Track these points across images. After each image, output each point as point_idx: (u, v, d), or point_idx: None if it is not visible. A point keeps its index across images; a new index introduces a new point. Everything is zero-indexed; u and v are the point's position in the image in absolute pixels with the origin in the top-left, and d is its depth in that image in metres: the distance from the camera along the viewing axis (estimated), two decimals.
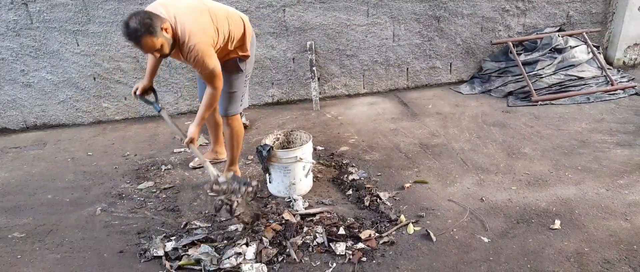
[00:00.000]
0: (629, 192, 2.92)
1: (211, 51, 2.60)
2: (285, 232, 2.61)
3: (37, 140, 4.35)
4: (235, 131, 3.10)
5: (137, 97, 3.01)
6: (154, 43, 2.42)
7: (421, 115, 4.47)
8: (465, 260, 2.37)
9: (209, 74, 2.62)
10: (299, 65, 4.90)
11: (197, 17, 2.59)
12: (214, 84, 2.68)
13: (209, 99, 2.73)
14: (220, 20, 2.68)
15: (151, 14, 2.40)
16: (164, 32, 2.44)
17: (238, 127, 3.10)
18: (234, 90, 2.98)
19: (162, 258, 2.47)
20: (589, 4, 5.33)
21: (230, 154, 3.20)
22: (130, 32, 2.36)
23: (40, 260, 2.55)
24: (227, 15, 2.76)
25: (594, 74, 4.86)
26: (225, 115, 3.03)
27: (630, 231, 2.52)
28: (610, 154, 3.44)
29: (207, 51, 2.57)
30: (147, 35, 2.36)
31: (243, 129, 3.18)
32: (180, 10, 2.56)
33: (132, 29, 2.34)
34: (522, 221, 2.68)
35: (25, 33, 4.25)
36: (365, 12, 4.80)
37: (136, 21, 2.34)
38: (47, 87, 4.51)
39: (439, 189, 3.08)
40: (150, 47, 2.43)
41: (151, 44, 2.41)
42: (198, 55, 2.53)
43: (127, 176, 3.51)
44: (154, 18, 2.39)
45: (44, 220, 2.95)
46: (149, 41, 2.39)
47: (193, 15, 2.57)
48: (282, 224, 2.69)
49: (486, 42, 5.26)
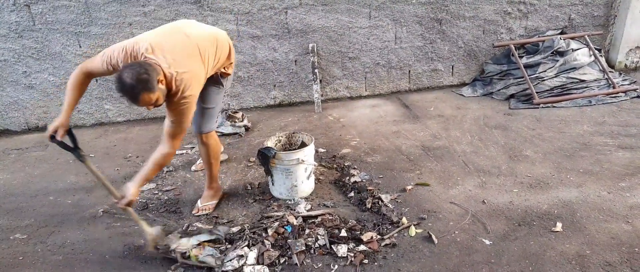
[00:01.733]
0: (630, 195, 2.91)
1: (195, 105, 2.48)
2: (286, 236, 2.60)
3: (39, 141, 4.36)
4: (212, 148, 2.90)
5: (53, 141, 2.47)
6: (150, 99, 2.24)
7: (423, 117, 4.47)
8: (466, 262, 2.37)
9: (178, 129, 2.46)
10: (301, 67, 4.91)
11: (192, 62, 2.44)
12: (174, 141, 2.49)
13: (161, 159, 2.50)
14: (209, 54, 2.56)
15: (147, 67, 2.21)
16: (160, 84, 2.26)
17: (214, 144, 2.92)
18: (212, 106, 2.83)
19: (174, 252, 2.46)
20: (591, 7, 5.33)
21: (209, 172, 2.99)
22: (126, 89, 2.17)
23: (41, 261, 2.56)
24: (215, 42, 2.64)
25: (596, 77, 4.86)
26: (200, 132, 2.84)
27: (631, 234, 2.52)
28: (611, 157, 3.44)
29: (193, 106, 2.45)
30: (144, 92, 2.19)
31: (219, 145, 3.03)
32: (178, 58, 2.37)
33: (129, 86, 2.15)
34: (523, 223, 2.67)
35: (28, 35, 4.26)
36: (367, 15, 4.81)
37: (132, 77, 2.14)
38: (49, 89, 4.52)
39: (441, 192, 3.08)
40: (146, 103, 2.25)
41: (148, 100, 2.23)
42: (184, 108, 2.40)
43: (128, 178, 3.51)
44: (151, 71, 2.20)
45: (46, 221, 2.96)
46: (146, 98, 2.21)
47: (188, 61, 2.42)
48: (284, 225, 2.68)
49: (488, 45, 5.26)
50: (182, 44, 2.46)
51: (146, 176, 2.51)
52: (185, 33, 2.53)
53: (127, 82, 2.15)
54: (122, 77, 2.16)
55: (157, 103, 2.31)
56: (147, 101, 2.24)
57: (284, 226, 2.64)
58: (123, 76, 2.16)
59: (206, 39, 2.59)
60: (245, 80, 4.85)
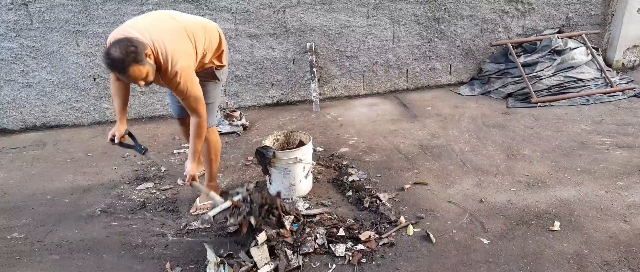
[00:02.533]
0: (628, 193, 2.92)
1: (194, 76, 2.49)
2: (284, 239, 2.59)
3: (36, 140, 4.35)
4: (213, 144, 2.92)
5: (116, 145, 2.73)
6: (140, 72, 2.24)
7: (421, 116, 4.47)
8: (464, 261, 2.37)
9: (193, 101, 2.50)
10: (299, 66, 4.91)
11: (177, 38, 2.45)
12: (198, 111, 2.55)
13: (197, 129, 2.59)
14: (198, 37, 2.58)
15: (134, 41, 2.23)
16: (148, 58, 2.28)
17: (215, 139, 2.94)
18: (211, 101, 2.83)
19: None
20: (588, 5, 5.34)
21: (209, 169, 3.01)
22: (115, 62, 2.17)
23: (39, 261, 2.55)
24: (203, 27, 2.66)
25: (593, 76, 4.87)
26: None
27: (629, 233, 2.52)
28: (609, 156, 3.45)
29: (190, 76, 2.46)
30: (133, 64, 2.19)
31: (220, 142, 3.05)
32: (157, 33, 2.39)
33: (118, 58, 2.17)
34: (521, 222, 2.68)
35: (25, 33, 4.25)
36: (365, 14, 4.81)
37: (120, 50, 2.17)
38: (47, 88, 4.51)
39: (439, 191, 3.08)
40: (136, 77, 2.25)
41: (138, 73, 2.23)
42: (182, 81, 2.40)
43: (126, 177, 3.51)
44: (138, 45, 2.22)
45: (43, 221, 2.95)
46: (136, 70, 2.22)
47: (172, 38, 2.43)
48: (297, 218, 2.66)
49: (486, 44, 5.27)
50: (170, 27, 2.50)
51: (195, 149, 2.64)
52: (172, 17, 2.58)
53: (116, 56, 2.17)
54: (110, 52, 2.18)
55: (147, 78, 2.31)
56: (137, 74, 2.24)
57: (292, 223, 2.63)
58: (110, 51, 2.18)
59: (194, 24, 2.62)
60: (243, 79, 4.84)
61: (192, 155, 2.64)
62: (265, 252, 2.38)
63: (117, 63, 2.18)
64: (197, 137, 2.61)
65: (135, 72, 2.22)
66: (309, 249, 2.46)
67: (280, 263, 2.35)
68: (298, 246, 2.48)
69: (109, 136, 2.70)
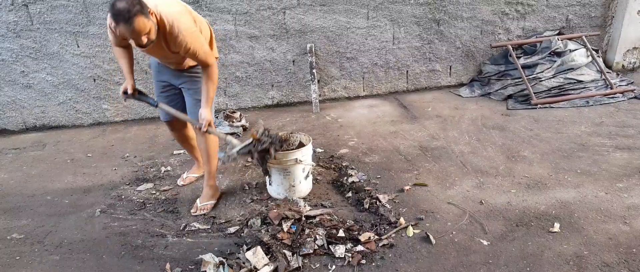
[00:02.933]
0: (628, 195, 2.92)
1: (199, 34, 2.57)
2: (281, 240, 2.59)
3: (36, 141, 4.35)
4: (211, 140, 2.92)
5: (129, 97, 2.82)
6: (145, 25, 2.27)
7: (421, 118, 4.47)
8: (464, 263, 2.37)
9: (202, 55, 2.57)
10: (299, 67, 4.91)
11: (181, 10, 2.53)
12: (208, 61, 2.63)
13: (210, 75, 2.67)
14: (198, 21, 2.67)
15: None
16: (152, 16, 2.34)
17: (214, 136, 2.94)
18: None
19: None
20: (588, 7, 5.35)
21: (208, 168, 3.00)
22: (122, 11, 2.20)
23: (39, 261, 2.55)
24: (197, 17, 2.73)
25: (593, 78, 4.87)
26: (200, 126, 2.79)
27: (629, 235, 2.52)
28: (609, 158, 3.45)
29: (196, 33, 2.53)
30: (139, 15, 2.23)
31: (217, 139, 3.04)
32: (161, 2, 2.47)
33: (124, 8, 2.19)
34: (521, 224, 2.68)
35: (26, 34, 4.25)
36: (365, 15, 4.81)
37: (126, 1, 2.20)
38: (47, 89, 4.51)
39: (439, 192, 3.08)
40: (141, 29, 2.27)
41: (143, 25, 2.26)
42: (189, 39, 2.47)
43: (126, 178, 3.51)
44: (141, 1, 2.28)
45: (43, 221, 2.95)
46: (141, 22, 2.25)
47: (176, 8, 2.51)
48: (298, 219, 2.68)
49: (486, 46, 5.27)
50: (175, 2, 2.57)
51: (209, 96, 2.71)
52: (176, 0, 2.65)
53: (122, 6, 2.20)
54: (116, 3, 2.22)
55: (150, 34, 2.33)
56: (142, 27, 2.27)
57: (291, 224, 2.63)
58: (116, 3, 2.22)
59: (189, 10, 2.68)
60: (243, 80, 4.85)
61: (207, 101, 2.70)
62: (259, 254, 2.39)
63: (124, 12, 2.20)
64: (211, 82, 2.68)
65: (140, 24, 2.25)
66: (309, 250, 2.46)
67: (280, 264, 2.35)
68: (297, 247, 2.48)
69: (121, 90, 2.77)
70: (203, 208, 2.96)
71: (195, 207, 2.98)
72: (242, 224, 2.78)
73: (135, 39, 2.33)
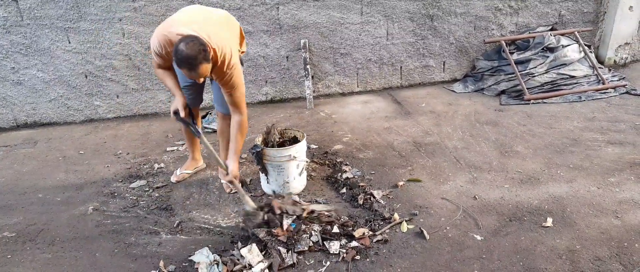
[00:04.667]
0: (619, 190, 2.94)
1: (242, 72, 2.63)
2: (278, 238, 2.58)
3: (27, 138, 4.31)
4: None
5: (179, 120, 2.70)
6: (207, 70, 2.35)
7: (415, 113, 4.48)
8: (458, 258, 2.38)
9: (239, 95, 2.62)
10: (293, 63, 4.89)
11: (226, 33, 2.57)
12: (241, 107, 2.68)
13: (240, 127, 2.70)
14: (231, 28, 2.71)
15: (201, 40, 2.31)
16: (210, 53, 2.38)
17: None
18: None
19: None
20: (580, 3, 5.37)
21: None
22: (189, 58, 2.25)
23: (30, 260, 2.53)
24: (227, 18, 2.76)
25: (586, 73, 4.90)
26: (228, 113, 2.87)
27: (621, 229, 2.54)
28: (601, 153, 3.47)
29: (240, 72, 2.59)
30: (204, 62, 2.30)
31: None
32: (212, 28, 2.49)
33: (191, 56, 2.25)
34: (514, 218, 2.69)
35: (16, 30, 4.20)
36: (359, 11, 4.80)
37: (192, 48, 2.25)
38: (38, 85, 4.47)
39: (433, 188, 3.09)
40: (203, 74, 2.35)
41: (205, 70, 2.33)
42: (234, 76, 2.53)
43: (119, 175, 3.49)
44: (205, 44, 2.31)
45: (35, 219, 2.93)
46: (205, 68, 2.32)
47: (223, 33, 2.54)
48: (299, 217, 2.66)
49: (479, 41, 5.28)
50: (212, 20, 2.62)
51: (238, 149, 2.74)
52: (207, 9, 2.71)
53: (189, 53, 2.25)
54: (182, 49, 2.26)
55: (206, 75, 2.41)
56: (204, 71, 2.34)
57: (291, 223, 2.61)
58: (182, 48, 2.26)
59: (223, 15, 2.75)
60: None
61: (235, 154, 2.71)
62: (255, 251, 2.38)
63: (191, 60, 2.26)
64: (240, 135, 2.72)
65: (203, 70, 2.32)
66: (304, 247, 2.46)
67: (274, 261, 2.35)
68: (292, 244, 2.47)
69: (172, 109, 2.68)
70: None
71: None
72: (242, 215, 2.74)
73: (194, 79, 2.42)
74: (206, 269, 2.33)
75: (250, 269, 2.32)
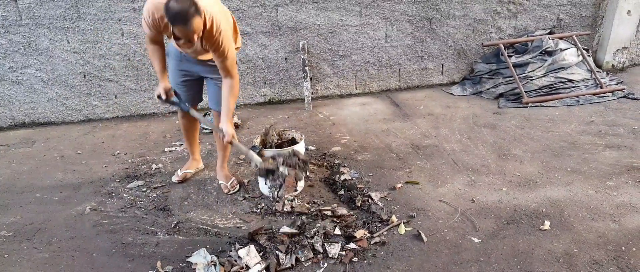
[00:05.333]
0: (617, 193, 2.95)
1: (232, 39, 2.63)
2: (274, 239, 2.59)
3: (25, 138, 4.30)
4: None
5: (164, 102, 2.82)
6: (200, 25, 2.31)
7: (413, 116, 4.48)
8: (456, 261, 2.38)
9: (230, 62, 2.62)
10: (292, 65, 4.90)
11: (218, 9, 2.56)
12: (233, 72, 2.67)
13: (232, 88, 2.70)
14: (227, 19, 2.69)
15: None
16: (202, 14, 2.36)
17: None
18: None
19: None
20: (579, 7, 5.38)
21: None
22: (180, 12, 2.21)
23: (27, 259, 2.52)
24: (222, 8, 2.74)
25: (584, 77, 4.91)
26: None
27: (618, 232, 2.55)
28: (599, 156, 3.48)
29: (230, 38, 2.59)
30: (196, 16, 2.26)
31: None
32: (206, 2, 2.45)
33: (182, 9, 2.21)
34: (512, 221, 2.69)
35: (14, 29, 4.20)
36: (357, 13, 4.81)
37: (183, 2, 2.22)
38: (36, 85, 4.46)
39: (430, 190, 3.09)
40: (196, 30, 2.30)
41: (198, 25, 2.29)
42: (224, 42, 2.52)
43: (117, 175, 3.48)
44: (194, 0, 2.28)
45: (32, 219, 2.92)
46: (198, 22, 2.28)
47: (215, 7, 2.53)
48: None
49: (477, 44, 5.29)
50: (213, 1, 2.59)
51: (230, 109, 2.73)
52: None
53: (180, 7, 2.21)
54: (173, 5, 2.22)
55: (199, 34, 2.36)
56: (197, 27, 2.30)
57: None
58: (173, 4, 2.22)
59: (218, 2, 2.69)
60: None
61: (227, 115, 2.72)
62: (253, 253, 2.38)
63: (183, 13, 2.22)
64: (232, 96, 2.71)
65: (195, 24, 2.28)
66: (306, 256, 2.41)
67: (271, 262, 2.34)
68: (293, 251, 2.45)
69: (155, 94, 2.77)
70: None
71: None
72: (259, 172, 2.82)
73: (188, 38, 2.35)
74: (203, 270, 2.32)
75: (248, 270, 2.31)
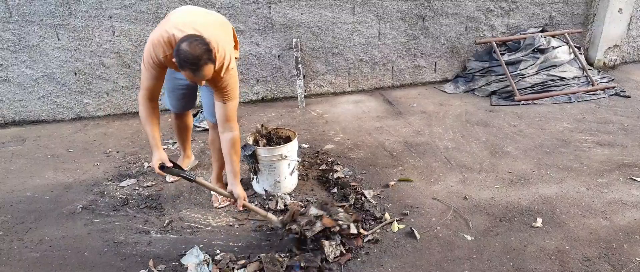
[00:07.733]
0: (608, 190, 2.97)
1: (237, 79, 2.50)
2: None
3: (15, 136, 4.26)
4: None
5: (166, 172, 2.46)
6: (210, 71, 2.19)
7: (406, 113, 4.49)
8: (448, 258, 2.39)
9: (233, 106, 2.48)
10: (285, 62, 4.88)
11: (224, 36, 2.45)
12: (234, 122, 2.52)
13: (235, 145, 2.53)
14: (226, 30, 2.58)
15: (205, 39, 2.15)
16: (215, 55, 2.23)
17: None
18: None
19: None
20: (571, 5, 5.41)
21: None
22: (193, 58, 2.09)
23: (18, 259, 2.50)
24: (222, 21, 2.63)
25: (576, 75, 4.94)
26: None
27: (609, 229, 2.57)
28: (590, 154, 3.50)
29: (237, 79, 2.47)
30: (209, 63, 2.14)
31: None
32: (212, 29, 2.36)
33: (195, 55, 2.09)
34: (504, 219, 2.70)
35: (4, 26, 4.15)
36: (350, 10, 4.80)
37: (195, 47, 2.09)
38: (27, 82, 4.41)
39: (423, 188, 3.09)
40: (206, 75, 2.18)
41: (208, 71, 2.17)
42: (231, 82, 2.42)
43: (108, 173, 3.46)
44: (208, 43, 2.15)
45: (23, 218, 2.89)
46: (209, 69, 2.17)
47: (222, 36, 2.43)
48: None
49: (470, 42, 5.30)
50: (211, 21, 2.48)
51: (236, 170, 2.56)
52: (205, 11, 2.56)
53: (193, 53, 2.09)
54: (185, 49, 2.09)
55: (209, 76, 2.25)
56: (208, 72, 2.18)
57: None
58: (185, 48, 2.10)
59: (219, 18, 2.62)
60: None
61: (235, 177, 2.55)
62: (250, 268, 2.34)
63: (195, 60, 2.10)
64: (236, 154, 2.55)
65: (207, 71, 2.16)
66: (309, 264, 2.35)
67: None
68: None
69: (155, 165, 2.40)
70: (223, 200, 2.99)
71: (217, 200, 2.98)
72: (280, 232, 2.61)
73: (196, 82, 2.27)
74: (195, 269, 2.31)
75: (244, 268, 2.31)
